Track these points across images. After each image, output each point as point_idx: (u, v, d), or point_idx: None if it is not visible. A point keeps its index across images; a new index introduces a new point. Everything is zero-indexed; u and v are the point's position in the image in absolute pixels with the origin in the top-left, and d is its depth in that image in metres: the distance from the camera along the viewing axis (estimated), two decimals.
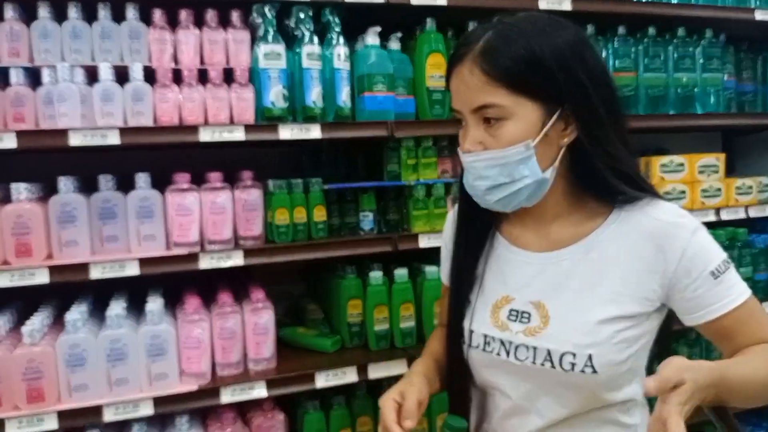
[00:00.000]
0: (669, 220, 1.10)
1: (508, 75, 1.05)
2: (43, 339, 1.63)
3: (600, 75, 1.10)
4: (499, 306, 1.19)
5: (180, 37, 1.79)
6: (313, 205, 1.92)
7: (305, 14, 1.86)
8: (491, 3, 2.01)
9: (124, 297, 1.81)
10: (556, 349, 1.10)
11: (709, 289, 1.07)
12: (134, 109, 1.71)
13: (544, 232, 1.19)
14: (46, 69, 1.66)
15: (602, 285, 1.11)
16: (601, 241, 1.13)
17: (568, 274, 1.14)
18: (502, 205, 1.14)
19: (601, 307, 1.10)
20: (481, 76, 1.06)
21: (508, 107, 1.06)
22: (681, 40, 2.38)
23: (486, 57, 1.06)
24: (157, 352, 1.68)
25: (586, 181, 1.14)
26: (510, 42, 1.05)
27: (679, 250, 1.08)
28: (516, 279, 1.20)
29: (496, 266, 1.23)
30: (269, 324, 1.82)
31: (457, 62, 1.10)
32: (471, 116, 1.10)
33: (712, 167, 2.45)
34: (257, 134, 1.78)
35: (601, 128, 1.08)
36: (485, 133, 1.09)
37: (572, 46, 1.07)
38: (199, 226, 1.78)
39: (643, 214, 1.12)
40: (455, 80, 1.11)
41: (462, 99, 1.10)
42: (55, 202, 1.68)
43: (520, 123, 1.07)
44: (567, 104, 1.07)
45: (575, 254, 1.15)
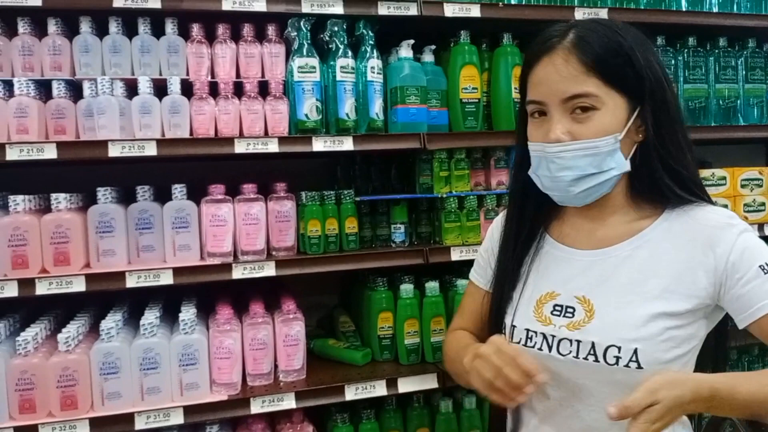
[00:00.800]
0: (719, 220, 1.12)
1: (603, 65, 1.08)
2: (78, 347, 1.66)
3: (668, 79, 1.15)
4: (543, 302, 1.19)
5: (217, 51, 1.82)
6: (345, 216, 1.92)
7: (339, 27, 1.87)
8: (526, 15, 1.99)
9: (159, 306, 1.84)
10: (601, 342, 1.09)
11: (759, 285, 1.06)
12: (171, 121, 1.74)
13: (595, 230, 1.20)
14: (86, 82, 1.70)
15: (651, 281, 1.11)
16: (650, 240, 1.14)
17: (615, 269, 1.14)
18: (583, 196, 1.14)
19: (650, 303, 1.09)
20: (578, 65, 1.08)
21: (601, 98, 1.08)
22: (722, 50, 2.32)
23: (581, 47, 1.08)
24: (189, 361, 1.69)
25: (644, 182, 1.15)
26: (601, 36, 1.09)
27: (728, 247, 1.08)
28: (561, 276, 1.19)
29: (542, 264, 1.24)
30: (300, 335, 1.83)
31: (545, 52, 1.11)
32: (559, 106, 1.10)
33: (756, 181, 2.37)
34: (291, 146, 1.79)
35: (672, 129, 1.12)
36: (573, 123, 1.10)
37: (649, 47, 1.13)
38: (232, 236, 1.80)
39: (693, 216, 1.13)
40: (543, 70, 1.11)
41: (552, 88, 1.10)
42: (93, 212, 1.72)
43: (609, 115, 1.09)
44: (647, 102, 1.10)
45: (623, 251, 1.15)
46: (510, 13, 1.99)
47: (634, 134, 1.13)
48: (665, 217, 1.16)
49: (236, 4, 1.75)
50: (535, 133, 1.15)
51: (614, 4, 2.13)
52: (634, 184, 1.17)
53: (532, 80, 1.14)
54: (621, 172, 1.12)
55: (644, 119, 1.12)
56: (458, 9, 1.92)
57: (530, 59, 1.15)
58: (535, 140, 1.15)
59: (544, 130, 1.12)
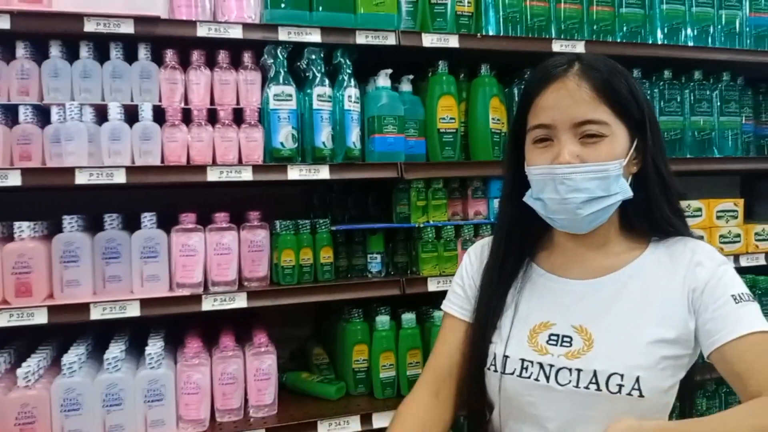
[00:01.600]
0: (701, 252, 1.15)
1: (613, 93, 1.11)
2: (39, 382, 1.58)
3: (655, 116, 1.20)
4: (537, 331, 1.17)
5: (191, 77, 1.78)
6: (320, 246, 1.88)
7: (316, 56, 1.85)
8: (504, 46, 2.00)
9: (125, 338, 1.77)
10: (604, 369, 1.08)
11: (729, 311, 1.08)
12: (142, 148, 1.70)
13: (587, 260, 1.20)
14: (54, 107, 1.66)
15: (648, 309, 1.12)
16: (643, 269, 1.16)
17: (613, 298, 1.15)
18: (589, 220, 1.13)
19: (649, 330, 1.10)
20: (590, 91, 1.10)
21: (610, 126, 1.11)
22: (698, 83, 2.35)
23: (593, 74, 1.11)
24: (155, 397, 1.63)
25: (637, 212, 1.18)
26: (607, 66, 1.14)
27: (707, 276, 1.12)
28: (556, 305, 1.18)
29: (533, 294, 1.22)
30: (271, 369, 1.77)
31: (557, 77, 1.12)
32: (569, 130, 1.11)
33: (731, 212, 2.39)
34: (265, 175, 1.76)
35: (664, 162, 1.17)
36: (581, 148, 1.11)
37: (640, 85, 1.18)
38: (203, 266, 1.75)
39: (679, 249, 1.17)
40: (555, 94, 1.12)
41: (564, 112, 1.11)
42: (58, 240, 1.66)
43: (615, 143, 1.11)
44: (645, 134, 1.15)
45: (617, 281, 1.16)
46: (488, 43, 1.99)
47: (630, 165, 1.15)
48: (652, 248, 1.19)
49: (211, 31, 1.72)
50: (539, 158, 1.15)
51: (591, 37, 2.15)
52: (626, 215, 1.19)
53: (540, 105, 1.14)
54: (624, 198, 1.14)
55: (640, 150, 1.15)
56: (436, 39, 1.92)
57: (536, 86, 1.15)
58: (540, 164, 1.14)
59: (551, 154, 1.13)
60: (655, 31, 2.25)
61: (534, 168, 1.15)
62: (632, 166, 1.16)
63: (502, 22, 2.03)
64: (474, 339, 1.24)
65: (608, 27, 2.18)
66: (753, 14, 2.38)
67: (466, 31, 2.01)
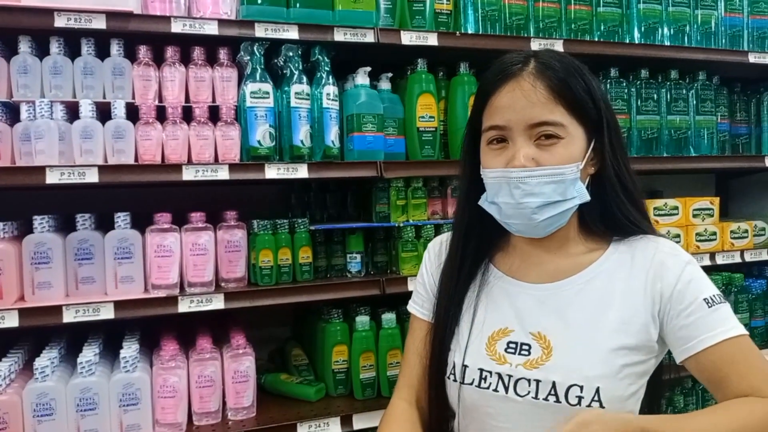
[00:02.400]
0: (666, 252, 1.12)
1: (569, 93, 1.07)
2: (10, 386, 1.54)
3: (615, 116, 1.16)
4: (495, 338, 1.13)
5: (165, 74, 1.75)
6: (299, 246, 1.86)
7: (294, 53, 1.83)
8: (482, 44, 1.99)
9: (99, 341, 1.73)
10: (563, 381, 1.05)
11: (702, 317, 1.05)
12: (115, 146, 1.66)
13: (545, 263, 1.17)
14: (24, 104, 1.61)
15: (607, 314, 1.09)
16: (602, 272, 1.13)
17: (569, 304, 1.11)
18: (545, 225, 1.10)
19: (609, 337, 1.07)
20: (545, 92, 1.06)
21: (566, 127, 1.07)
22: (674, 82, 2.37)
23: (548, 74, 1.07)
24: (130, 401, 1.59)
25: (595, 214, 1.15)
26: (564, 64, 1.10)
27: (674, 277, 1.08)
28: (513, 310, 1.15)
29: (491, 299, 1.18)
30: (250, 371, 1.75)
31: (509, 78, 1.09)
32: (524, 132, 1.08)
33: (707, 211, 2.42)
34: (242, 173, 1.73)
35: (625, 161, 1.14)
36: (537, 150, 1.08)
37: (599, 83, 1.14)
38: (179, 267, 1.72)
39: (641, 247, 1.13)
40: (510, 95, 1.08)
41: (519, 113, 1.07)
42: (29, 241, 1.62)
43: (571, 145, 1.08)
44: (604, 133, 1.11)
45: (575, 285, 1.13)
46: (467, 42, 1.98)
47: (588, 167, 1.12)
48: (613, 248, 1.15)
49: (186, 27, 1.69)
50: (493, 161, 1.11)
51: (569, 36, 2.15)
52: (585, 217, 1.16)
53: (495, 105, 1.10)
54: (582, 202, 1.11)
55: (598, 151, 1.12)
56: (415, 37, 1.90)
57: (490, 85, 1.11)
58: (495, 167, 1.10)
59: (506, 156, 1.09)
60: (632, 30, 2.26)
61: (489, 171, 1.12)
62: (590, 167, 1.13)
63: (480, 20, 2.03)
64: (432, 346, 1.21)
65: (586, 26, 2.19)
66: (728, 14, 2.41)
67: (444, 29, 2.00)
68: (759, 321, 2.46)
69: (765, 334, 2.48)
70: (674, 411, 2.34)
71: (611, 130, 1.12)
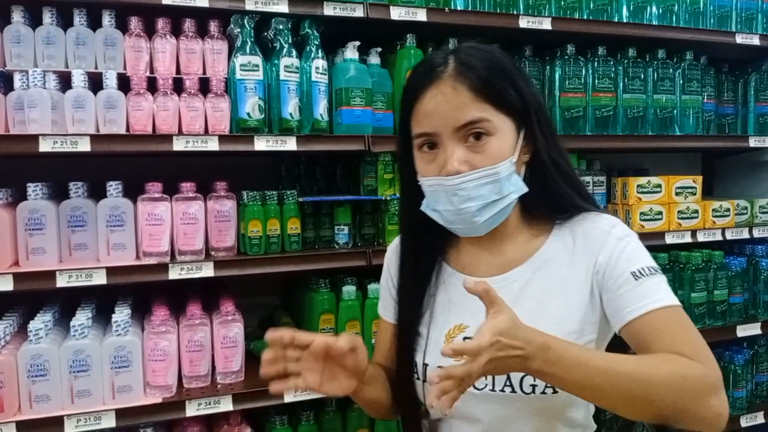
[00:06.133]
0: (603, 228, 1.13)
1: (491, 88, 1.07)
2: (5, 348, 1.60)
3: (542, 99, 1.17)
4: (452, 336, 1.15)
5: (156, 46, 1.78)
6: (288, 217, 1.91)
7: (284, 26, 1.85)
8: (471, 21, 2.02)
9: (92, 306, 1.78)
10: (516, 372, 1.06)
11: (629, 290, 1.06)
12: (107, 116, 1.69)
13: (495, 255, 1.18)
14: (17, 74, 1.64)
15: (552, 302, 1.11)
16: (547, 259, 1.15)
17: (519, 295, 1.13)
18: (487, 225, 1.11)
19: (554, 325, 1.07)
20: (467, 92, 1.06)
21: (493, 122, 1.07)
22: (661, 61, 2.39)
23: (468, 74, 1.06)
24: (122, 363, 1.65)
25: (537, 201, 1.16)
26: (483, 59, 1.09)
27: (608, 253, 1.09)
28: (467, 306, 1.13)
29: (446, 297, 1.20)
30: (239, 337, 1.80)
31: (430, 84, 1.08)
32: (452, 136, 1.07)
33: (690, 189, 2.46)
34: (232, 145, 1.77)
35: (556, 144, 1.15)
36: (468, 152, 1.07)
37: (522, 68, 1.14)
38: (170, 236, 1.76)
39: (581, 227, 1.15)
40: (432, 101, 1.07)
41: (444, 118, 1.06)
42: (23, 208, 1.66)
43: (502, 139, 1.08)
44: (533, 121, 1.11)
45: (524, 274, 1.15)
46: (456, 18, 2.01)
47: (522, 156, 1.13)
48: (556, 232, 1.17)
49: None
50: (427, 168, 1.11)
51: (558, 14, 2.18)
52: (526, 205, 1.17)
53: (420, 112, 1.09)
54: (519, 194, 1.12)
55: (530, 139, 1.13)
56: (404, 12, 1.93)
57: (414, 91, 1.10)
58: (429, 174, 1.10)
59: (439, 162, 1.09)
60: (620, 8, 2.28)
61: (425, 180, 1.12)
62: (524, 156, 1.13)
63: None
64: (398, 348, 1.23)
65: (575, 4, 2.21)
66: None
67: (434, 5, 2.02)
68: (737, 297, 2.52)
69: (743, 310, 2.54)
70: None
71: (539, 115, 1.12)
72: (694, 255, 2.43)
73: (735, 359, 2.52)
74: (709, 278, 2.44)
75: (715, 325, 2.46)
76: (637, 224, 2.33)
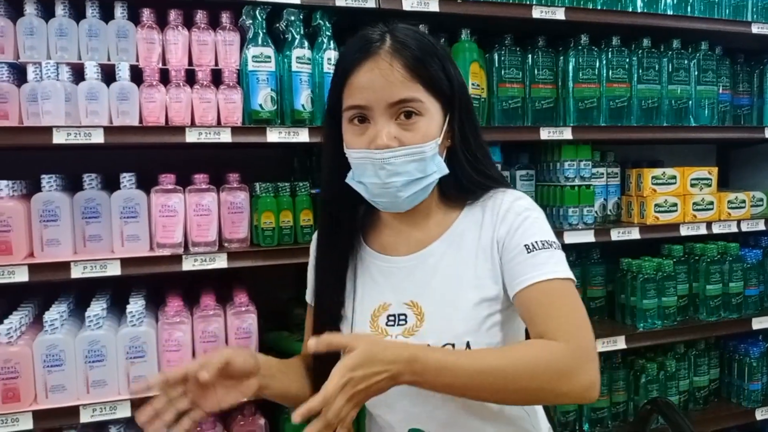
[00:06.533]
0: (507, 202, 1.18)
1: (424, 70, 1.11)
2: (21, 338, 1.61)
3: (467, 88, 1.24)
4: (377, 315, 1.21)
5: (168, 38, 1.78)
6: (300, 209, 1.91)
7: (296, 17, 1.85)
8: (484, 11, 2.00)
9: (106, 297, 1.79)
10: (436, 342, 1.12)
11: (519, 262, 1.12)
12: (120, 108, 1.70)
13: (412, 234, 1.23)
14: (31, 66, 1.64)
15: (465, 273, 1.16)
16: (459, 233, 1.20)
17: (434, 270, 1.18)
18: (410, 200, 1.16)
19: (468, 293, 1.14)
20: (402, 70, 1.09)
21: (425, 104, 1.12)
22: (676, 51, 2.37)
23: (405, 52, 1.10)
24: (137, 354, 1.66)
25: (451, 183, 1.21)
26: (419, 41, 1.13)
27: (507, 226, 1.15)
28: (389, 285, 1.21)
29: (369, 277, 1.24)
30: (252, 328, 1.81)
31: (368, 57, 1.10)
32: (385, 111, 1.10)
33: (705, 180, 2.44)
34: (244, 137, 1.77)
35: (476, 133, 1.22)
36: (399, 129, 1.11)
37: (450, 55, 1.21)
38: (183, 227, 1.77)
39: (489, 203, 1.20)
40: (368, 74, 1.10)
41: (378, 93, 1.10)
42: (37, 200, 1.67)
43: (431, 120, 1.13)
44: (456, 108, 1.17)
45: (438, 249, 1.20)
46: (468, 8, 1.99)
47: (446, 139, 1.18)
48: (467, 211, 1.22)
49: None
50: (356, 140, 1.14)
51: (571, 4, 2.16)
52: (443, 187, 1.22)
53: (354, 85, 1.12)
54: (441, 175, 1.16)
55: (453, 125, 1.18)
56: (416, 3, 1.92)
57: (349, 64, 1.13)
58: (358, 147, 1.14)
59: (369, 136, 1.12)
60: None
61: (353, 151, 1.15)
62: (447, 141, 1.19)
63: None
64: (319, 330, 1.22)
65: None
66: None
67: None
68: (753, 290, 2.50)
69: (758, 303, 2.53)
70: (666, 375, 2.40)
71: (462, 105, 1.18)
72: (710, 247, 2.41)
73: (750, 352, 2.50)
74: (724, 270, 2.43)
75: (730, 317, 2.44)
76: (652, 216, 2.31)
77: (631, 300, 2.33)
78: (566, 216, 2.22)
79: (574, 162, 2.23)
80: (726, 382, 2.60)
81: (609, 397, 2.37)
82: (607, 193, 2.44)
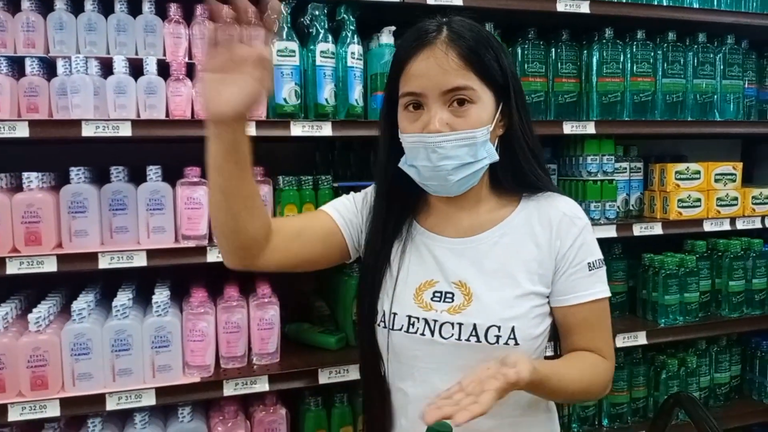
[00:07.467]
0: (568, 212, 1.24)
1: (479, 60, 1.14)
2: (50, 327, 1.65)
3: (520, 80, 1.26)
4: (422, 289, 1.24)
5: (195, 32, 1.79)
6: (323, 202, 1.90)
7: (320, 11, 1.86)
8: (509, 5, 1.99)
9: (132, 288, 1.83)
10: (482, 323, 1.17)
11: (582, 277, 1.21)
12: (147, 102, 1.72)
13: (463, 218, 1.26)
14: (60, 60, 1.67)
15: (515, 265, 1.21)
16: (514, 226, 1.24)
17: (486, 255, 1.22)
18: (460, 185, 1.19)
19: (519, 284, 1.20)
20: (457, 59, 1.13)
21: (477, 92, 1.15)
22: (701, 45, 2.34)
23: (460, 42, 1.14)
24: (162, 343, 1.69)
25: (506, 173, 1.25)
26: (474, 32, 1.17)
27: (572, 238, 1.22)
28: (438, 263, 1.25)
29: (416, 253, 1.28)
30: (274, 319, 1.83)
31: (425, 46, 1.15)
32: (439, 98, 1.14)
33: (729, 176, 2.41)
34: (269, 130, 1.78)
35: (530, 124, 1.24)
36: (451, 115, 1.14)
37: (505, 47, 1.22)
38: (207, 219, 1.78)
39: (548, 204, 1.25)
40: (424, 63, 1.14)
41: (433, 81, 1.13)
42: (66, 191, 1.70)
43: (483, 108, 1.16)
44: (509, 98, 1.20)
45: (491, 238, 1.24)
46: (493, 2, 1.99)
47: (496, 129, 1.21)
48: (523, 205, 1.26)
49: None
50: (410, 125, 1.18)
51: None
52: (496, 176, 1.25)
53: (410, 73, 1.16)
54: (492, 161, 1.20)
55: (506, 114, 1.21)
56: None
57: (406, 53, 1.17)
58: (412, 132, 1.17)
59: (422, 121, 1.16)
60: None
61: (407, 136, 1.18)
62: (499, 129, 1.21)
63: None
64: (362, 295, 1.31)
65: None
66: None
67: None
68: None
69: None
70: (686, 371, 2.38)
71: (517, 95, 1.21)
72: (733, 243, 2.39)
73: None
74: (747, 267, 2.40)
75: (753, 314, 2.42)
76: (675, 211, 2.29)
77: (653, 295, 2.31)
78: (588, 211, 2.21)
79: (597, 156, 2.22)
80: (747, 379, 2.59)
81: (629, 392, 2.36)
82: (629, 188, 2.42)
